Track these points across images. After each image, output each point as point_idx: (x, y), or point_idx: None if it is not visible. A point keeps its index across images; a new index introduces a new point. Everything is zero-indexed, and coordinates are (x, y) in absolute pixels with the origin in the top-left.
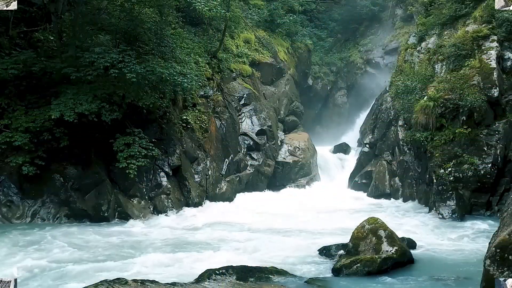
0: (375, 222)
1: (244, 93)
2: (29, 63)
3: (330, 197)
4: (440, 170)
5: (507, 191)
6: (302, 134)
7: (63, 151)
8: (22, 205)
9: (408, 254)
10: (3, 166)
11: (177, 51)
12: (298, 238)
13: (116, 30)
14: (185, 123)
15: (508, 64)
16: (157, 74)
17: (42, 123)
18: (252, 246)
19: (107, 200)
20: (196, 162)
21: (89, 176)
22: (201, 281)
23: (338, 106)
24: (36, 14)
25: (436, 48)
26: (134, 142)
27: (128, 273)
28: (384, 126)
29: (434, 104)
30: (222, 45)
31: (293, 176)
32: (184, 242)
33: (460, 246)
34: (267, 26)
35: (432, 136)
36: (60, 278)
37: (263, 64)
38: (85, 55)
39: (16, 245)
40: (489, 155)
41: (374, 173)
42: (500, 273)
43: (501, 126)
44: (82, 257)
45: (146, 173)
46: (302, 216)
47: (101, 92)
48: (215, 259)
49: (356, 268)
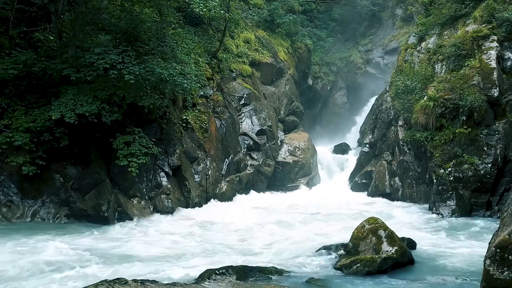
0: (375, 222)
1: (244, 93)
2: (29, 63)
3: (330, 197)
4: (440, 170)
5: (507, 191)
6: (302, 134)
7: (63, 151)
8: (22, 205)
9: (408, 254)
10: (3, 166)
11: (177, 51)
12: (298, 237)
13: (116, 30)
14: (185, 123)
15: (508, 64)
16: (156, 74)
17: (42, 123)
18: (252, 246)
19: (107, 200)
20: (196, 162)
21: (89, 176)
22: (201, 281)
23: (338, 106)
24: (36, 14)
25: (436, 48)
26: (134, 141)
27: (128, 273)
28: (384, 126)
29: (434, 104)
30: (222, 45)
31: (293, 176)
32: (184, 242)
33: (460, 246)
34: (267, 26)
35: (432, 136)
36: (61, 278)
37: (263, 64)
38: (85, 56)
39: (16, 245)
40: (489, 155)
41: (374, 173)
42: (500, 273)
43: (501, 126)
44: (82, 257)
45: (146, 173)
46: (302, 216)
47: (101, 92)
48: (215, 259)
49: (356, 268)
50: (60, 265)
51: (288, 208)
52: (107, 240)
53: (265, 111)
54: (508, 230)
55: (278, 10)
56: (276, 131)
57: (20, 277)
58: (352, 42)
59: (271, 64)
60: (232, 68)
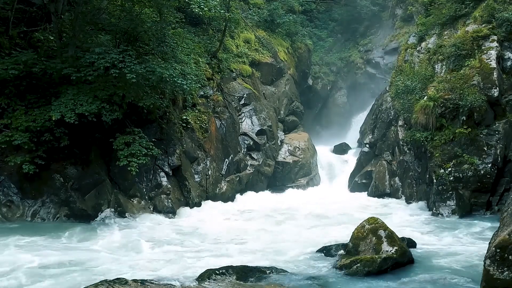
0: (375, 222)
1: (244, 93)
2: (29, 63)
3: (330, 197)
4: (440, 170)
5: (507, 191)
6: (302, 134)
7: (63, 151)
8: (22, 205)
9: (408, 254)
10: (3, 166)
11: (177, 51)
12: (298, 237)
13: (116, 30)
14: (185, 123)
15: (508, 64)
16: (157, 74)
17: (42, 123)
18: (251, 246)
19: (107, 200)
20: (196, 162)
21: (89, 176)
22: (201, 281)
23: (338, 106)
24: (36, 14)
25: (436, 48)
26: (134, 141)
27: (128, 273)
28: (384, 126)
29: (434, 104)
30: (222, 45)
31: (293, 176)
32: (184, 243)
33: (460, 246)
34: (267, 26)
35: (432, 136)
36: (60, 278)
37: (263, 64)
38: (85, 56)
39: (16, 245)
40: (489, 155)
41: (374, 173)
42: (500, 273)
43: (501, 126)
44: (82, 257)
45: (146, 173)
46: (302, 216)
47: (101, 92)
48: (215, 258)
49: (356, 268)
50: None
51: (288, 208)
52: (107, 239)
53: (265, 111)
54: (508, 230)
55: (278, 10)
56: (276, 131)
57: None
58: (352, 42)
59: (271, 64)
60: (232, 68)
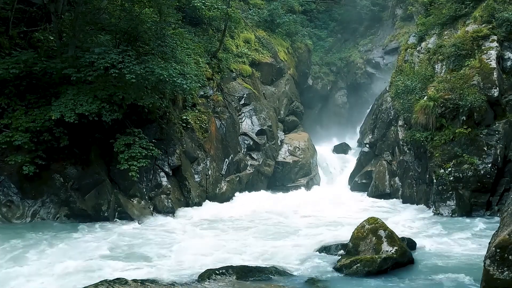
0: (375, 222)
1: (244, 93)
2: (29, 63)
3: (330, 197)
4: (440, 170)
5: (507, 191)
6: (302, 134)
7: (63, 151)
8: (22, 205)
9: (408, 254)
10: (3, 166)
11: (177, 51)
12: (298, 237)
13: (116, 30)
14: (185, 123)
15: (508, 64)
16: (156, 75)
17: (42, 123)
18: (251, 246)
19: (107, 200)
20: (196, 162)
21: (89, 176)
22: (201, 281)
23: (338, 106)
24: (36, 14)
25: (436, 48)
26: (134, 143)
27: (128, 273)
28: (384, 126)
29: (434, 104)
30: (222, 45)
31: (293, 176)
32: (184, 242)
33: (460, 246)
34: (267, 26)
35: (432, 136)
36: (61, 278)
37: (263, 64)
38: (85, 56)
39: (16, 245)
40: (489, 155)
41: (374, 173)
42: (500, 273)
43: (501, 126)
44: (82, 257)
45: (146, 173)
46: (302, 216)
47: (101, 92)
48: (215, 258)
49: (356, 268)
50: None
51: (288, 208)
52: (107, 240)
53: (265, 111)
54: (508, 230)
55: (278, 10)
56: (276, 131)
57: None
58: (352, 42)
59: (271, 64)
60: (232, 68)
